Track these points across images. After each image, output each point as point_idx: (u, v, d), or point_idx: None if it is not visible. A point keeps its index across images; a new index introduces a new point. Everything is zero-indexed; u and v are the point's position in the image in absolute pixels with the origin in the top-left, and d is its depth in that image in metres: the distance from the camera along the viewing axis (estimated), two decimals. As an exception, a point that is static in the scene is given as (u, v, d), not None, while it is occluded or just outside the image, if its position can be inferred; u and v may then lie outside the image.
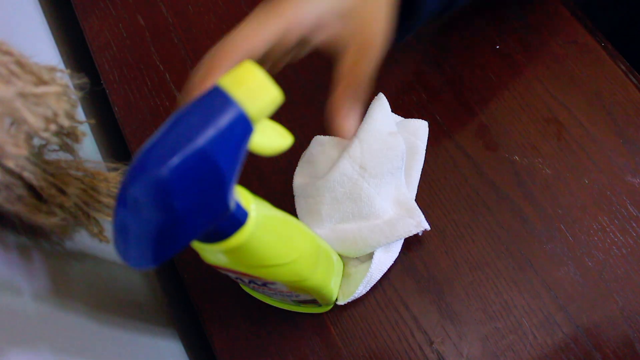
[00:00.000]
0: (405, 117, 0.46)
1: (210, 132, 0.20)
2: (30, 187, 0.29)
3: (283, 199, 0.44)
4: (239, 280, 0.35)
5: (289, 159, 0.45)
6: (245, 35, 0.31)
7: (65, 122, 0.29)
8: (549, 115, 0.46)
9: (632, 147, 0.44)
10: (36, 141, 0.29)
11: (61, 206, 0.31)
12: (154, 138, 0.20)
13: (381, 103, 0.41)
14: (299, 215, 0.43)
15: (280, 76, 0.31)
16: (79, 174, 0.33)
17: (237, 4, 0.55)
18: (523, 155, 0.45)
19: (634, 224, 0.42)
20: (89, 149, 0.50)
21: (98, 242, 0.36)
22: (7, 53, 0.26)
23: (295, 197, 0.43)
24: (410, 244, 0.43)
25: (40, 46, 0.52)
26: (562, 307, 0.40)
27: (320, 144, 0.43)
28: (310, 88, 0.50)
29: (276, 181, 0.47)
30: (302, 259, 0.32)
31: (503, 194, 0.44)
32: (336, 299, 0.41)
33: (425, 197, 0.44)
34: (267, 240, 0.28)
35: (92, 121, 0.36)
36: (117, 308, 0.41)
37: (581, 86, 0.46)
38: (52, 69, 0.29)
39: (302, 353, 0.42)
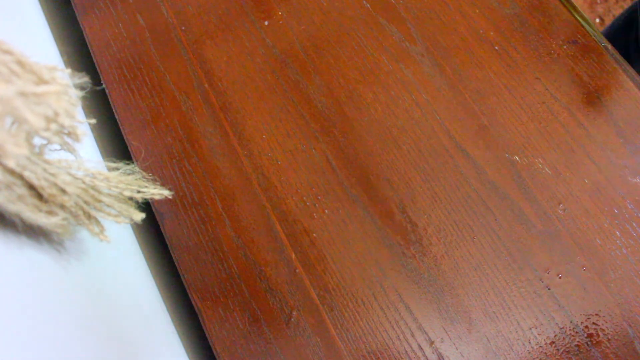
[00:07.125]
0: (404, 118, 0.46)
1: None
2: (31, 187, 0.29)
3: (284, 199, 0.44)
4: None
5: (289, 159, 0.45)
6: None
7: (66, 122, 0.29)
8: (549, 115, 0.46)
9: (632, 147, 0.44)
10: (37, 140, 0.29)
11: (62, 206, 0.31)
12: None
13: None
14: None
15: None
16: (80, 173, 0.33)
17: (237, 4, 0.54)
18: (523, 155, 0.45)
19: (634, 224, 0.42)
20: (89, 148, 0.50)
21: (98, 242, 0.36)
22: (8, 52, 0.26)
23: None
24: (410, 243, 0.43)
25: (40, 46, 0.52)
26: (562, 307, 0.40)
27: None
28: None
29: (277, 180, 0.47)
30: None
31: (503, 194, 0.44)
32: None
33: (425, 197, 0.44)
34: None
35: (93, 120, 0.36)
36: (117, 308, 0.41)
37: (581, 86, 0.47)
38: (53, 69, 0.29)
39: (302, 353, 0.42)
